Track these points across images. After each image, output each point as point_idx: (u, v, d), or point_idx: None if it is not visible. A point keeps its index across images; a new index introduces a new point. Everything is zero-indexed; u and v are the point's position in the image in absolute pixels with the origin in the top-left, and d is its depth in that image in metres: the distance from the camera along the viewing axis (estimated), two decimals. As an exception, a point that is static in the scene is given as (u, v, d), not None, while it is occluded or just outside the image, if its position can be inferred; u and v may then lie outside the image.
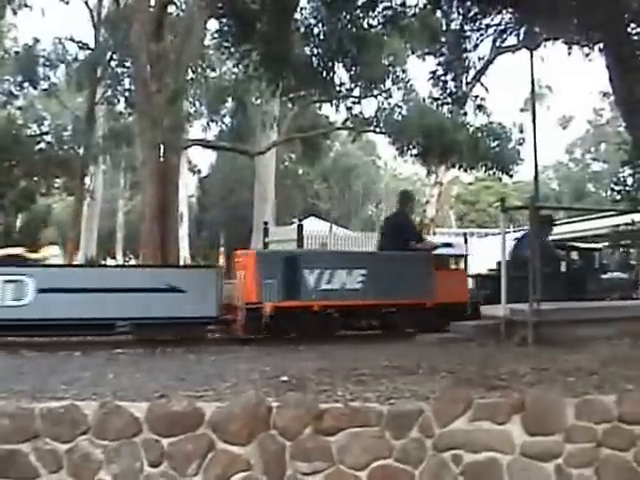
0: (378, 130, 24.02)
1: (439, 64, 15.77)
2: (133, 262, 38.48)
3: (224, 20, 17.27)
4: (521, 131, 22.57)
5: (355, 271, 11.35)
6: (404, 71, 23.38)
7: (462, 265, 12.68)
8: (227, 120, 27.36)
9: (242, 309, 10.68)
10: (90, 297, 10.21)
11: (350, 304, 11.12)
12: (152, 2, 17.22)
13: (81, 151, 24.41)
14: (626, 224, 15.19)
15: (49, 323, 10.11)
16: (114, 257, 45.97)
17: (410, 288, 11.37)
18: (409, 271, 11.62)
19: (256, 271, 10.84)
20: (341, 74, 19.58)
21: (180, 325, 10.63)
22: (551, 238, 14.66)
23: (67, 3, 26.05)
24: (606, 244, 19.59)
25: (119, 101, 26.34)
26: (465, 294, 12.20)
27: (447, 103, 17.14)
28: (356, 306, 11.04)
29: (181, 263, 19.66)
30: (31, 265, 10.86)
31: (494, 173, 23.03)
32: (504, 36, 15.51)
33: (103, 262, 38.74)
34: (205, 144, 27.96)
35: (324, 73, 17.16)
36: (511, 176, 23.94)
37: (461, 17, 14.63)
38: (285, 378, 6.40)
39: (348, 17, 15.24)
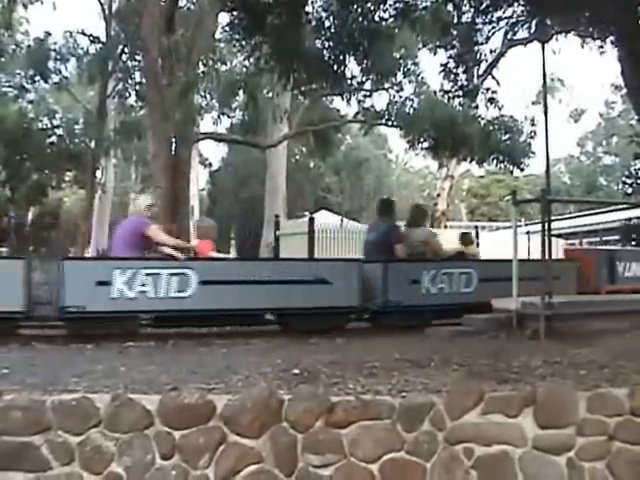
0: (389, 123, 24.02)
1: (450, 57, 15.78)
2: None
3: (235, 13, 17.22)
4: (532, 124, 22.59)
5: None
6: (415, 64, 23.38)
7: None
8: (238, 113, 27.37)
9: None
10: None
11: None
12: (163, -5, 17.24)
13: (92, 144, 24.47)
14: (637, 217, 15.20)
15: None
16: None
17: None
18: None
19: (593, 264, 13.75)
20: (352, 67, 19.56)
21: None
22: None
23: (78, -4, 26.12)
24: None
25: (130, 94, 26.45)
26: None
27: (458, 96, 17.16)
28: None
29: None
30: (473, 260, 12.43)
31: (505, 166, 23.03)
32: (516, 29, 15.49)
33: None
34: (216, 137, 28.01)
35: (335, 66, 17.11)
36: (522, 169, 23.90)
37: (472, 10, 14.62)
38: (297, 371, 6.40)
39: (359, 10, 15.22)
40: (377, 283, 11.24)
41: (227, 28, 18.50)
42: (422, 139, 22.14)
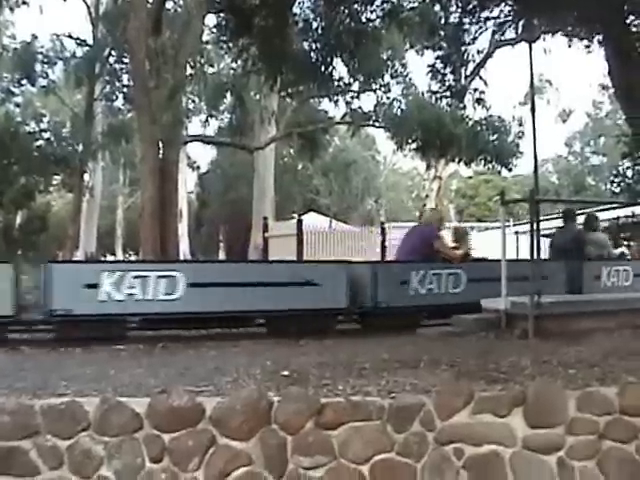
0: (377, 124, 24.06)
1: (438, 58, 15.81)
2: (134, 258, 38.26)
3: (222, 15, 17.24)
4: (520, 124, 22.65)
5: None
6: (403, 65, 23.43)
7: None
8: (226, 115, 27.37)
9: None
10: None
11: None
12: (150, -2, 17.17)
13: (80, 148, 24.35)
14: (626, 216, 15.20)
15: None
16: (114, 254, 45.86)
17: None
18: None
19: None
20: (340, 69, 19.60)
21: None
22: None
23: (65, 0, 25.97)
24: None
25: (117, 97, 26.37)
26: None
27: (446, 97, 17.21)
28: None
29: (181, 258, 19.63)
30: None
31: (493, 167, 23.10)
32: (503, 29, 15.52)
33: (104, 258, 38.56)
34: (204, 140, 27.96)
35: (322, 68, 17.15)
36: (510, 170, 24.01)
37: (460, 10, 14.65)
38: (286, 372, 6.39)
39: (346, 11, 15.25)
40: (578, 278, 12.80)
41: (214, 30, 18.53)
42: (410, 140, 22.15)
